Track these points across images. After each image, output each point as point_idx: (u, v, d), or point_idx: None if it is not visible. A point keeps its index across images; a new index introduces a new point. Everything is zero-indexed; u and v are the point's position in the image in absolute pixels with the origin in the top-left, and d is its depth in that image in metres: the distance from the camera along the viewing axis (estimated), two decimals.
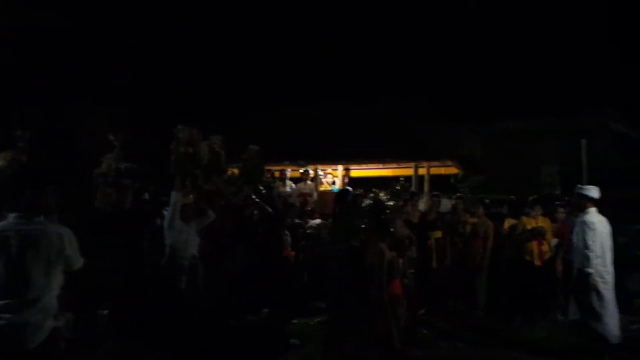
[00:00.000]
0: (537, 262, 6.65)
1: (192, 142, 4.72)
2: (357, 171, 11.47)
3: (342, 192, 5.81)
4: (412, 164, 9.86)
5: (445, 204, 8.21)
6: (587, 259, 5.13)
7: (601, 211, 6.48)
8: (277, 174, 9.87)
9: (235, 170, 6.73)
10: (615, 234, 7.28)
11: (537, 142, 11.46)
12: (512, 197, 7.60)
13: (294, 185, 9.55)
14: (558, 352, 5.42)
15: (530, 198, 6.92)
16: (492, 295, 7.15)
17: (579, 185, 5.76)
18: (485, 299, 7.05)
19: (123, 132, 5.60)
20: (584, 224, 5.30)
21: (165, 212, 4.80)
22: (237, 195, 6.20)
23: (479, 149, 10.38)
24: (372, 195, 5.83)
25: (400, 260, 4.23)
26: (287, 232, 6.40)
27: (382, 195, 5.48)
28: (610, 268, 5.24)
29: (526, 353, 5.42)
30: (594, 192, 5.52)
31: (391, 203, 3.58)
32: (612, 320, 5.02)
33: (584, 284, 5.20)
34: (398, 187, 5.15)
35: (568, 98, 10.99)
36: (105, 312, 5.12)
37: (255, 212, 6.41)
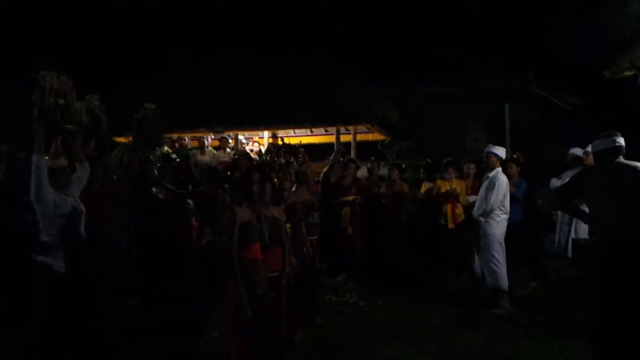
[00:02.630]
0: (451, 225, 6.64)
1: (63, 91, 4.00)
2: (285, 139, 11.13)
3: (246, 155, 5.47)
4: (332, 129, 9.58)
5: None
6: (485, 210, 5.46)
7: (523, 172, 6.70)
8: (194, 143, 9.33)
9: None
10: (534, 196, 7.54)
11: (461, 107, 11.51)
12: (428, 160, 7.52)
13: (215, 153, 9.09)
14: (462, 305, 5.52)
15: (444, 161, 6.85)
16: (408, 257, 7.18)
17: (490, 144, 5.92)
18: (401, 262, 7.04)
19: None
20: (493, 182, 5.54)
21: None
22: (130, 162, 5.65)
23: (396, 114, 10.25)
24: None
25: (288, 226, 3.97)
26: (189, 200, 6.00)
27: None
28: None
29: (431, 310, 5.44)
30: (502, 152, 5.77)
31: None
32: (504, 270, 5.35)
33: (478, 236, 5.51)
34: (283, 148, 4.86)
35: (488, 62, 10.98)
36: None
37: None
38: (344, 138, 9.97)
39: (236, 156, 5.65)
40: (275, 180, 3.63)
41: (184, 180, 7.36)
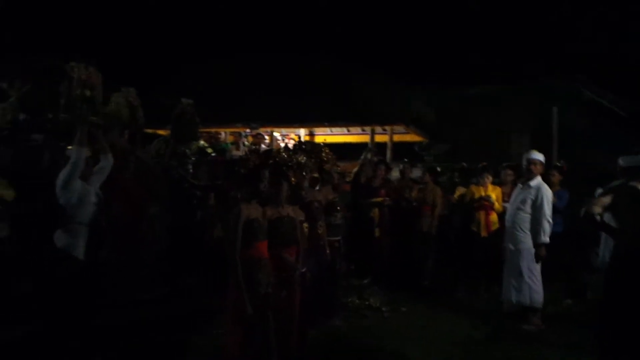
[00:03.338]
0: (484, 233, 6.37)
1: (91, 83, 4.11)
2: (321, 137, 11.09)
3: (267, 152, 5.46)
4: (368, 129, 9.45)
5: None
6: (545, 229, 5.03)
7: (569, 180, 6.33)
8: (231, 138, 9.47)
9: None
10: (580, 206, 7.09)
11: (505, 109, 10.99)
12: (463, 164, 7.24)
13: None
14: (490, 317, 5.27)
15: (479, 165, 6.57)
16: (439, 265, 6.95)
17: (532, 151, 5.57)
18: (432, 269, 6.83)
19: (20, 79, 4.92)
20: (541, 194, 5.12)
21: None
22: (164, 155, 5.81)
23: (432, 114, 9.92)
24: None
25: (306, 226, 3.92)
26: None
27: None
28: None
29: (457, 321, 5.22)
30: (543, 158, 5.42)
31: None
32: (540, 287, 5.09)
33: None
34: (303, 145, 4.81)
35: (534, 63, 10.43)
36: None
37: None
38: (381, 138, 9.82)
39: (247, 152, 5.65)
40: (293, 179, 3.59)
41: (218, 174, 7.47)
